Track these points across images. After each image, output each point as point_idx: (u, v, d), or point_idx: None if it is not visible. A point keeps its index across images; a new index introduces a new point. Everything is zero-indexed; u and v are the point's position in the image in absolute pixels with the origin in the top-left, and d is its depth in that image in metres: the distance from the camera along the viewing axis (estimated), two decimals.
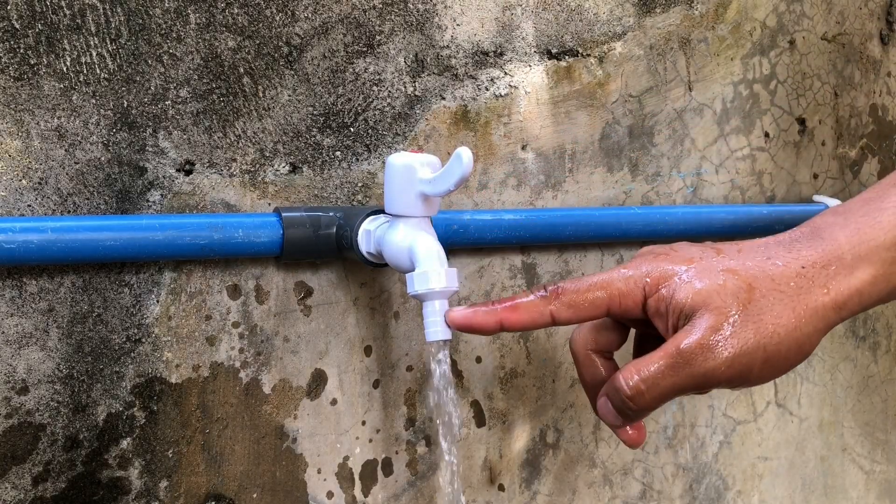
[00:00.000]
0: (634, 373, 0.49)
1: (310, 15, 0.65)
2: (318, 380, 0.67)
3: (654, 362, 0.48)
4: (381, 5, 0.68)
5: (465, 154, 0.52)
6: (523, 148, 0.75)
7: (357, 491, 0.69)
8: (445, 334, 0.55)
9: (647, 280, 0.50)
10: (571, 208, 0.78)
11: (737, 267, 0.49)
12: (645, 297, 0.51)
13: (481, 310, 0.53)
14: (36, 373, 0.56)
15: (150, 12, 0.59)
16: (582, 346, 0.57)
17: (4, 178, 0.55)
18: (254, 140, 0.63)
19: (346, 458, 0.68)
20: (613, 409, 0.52)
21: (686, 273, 0.49)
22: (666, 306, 0.50)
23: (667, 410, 0.86)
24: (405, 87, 0.69)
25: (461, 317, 0.53)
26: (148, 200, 0.59)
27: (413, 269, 0.55)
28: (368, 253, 0.60)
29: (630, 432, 0.55)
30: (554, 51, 0.76)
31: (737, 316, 0.47)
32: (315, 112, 0.65)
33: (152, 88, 0.59)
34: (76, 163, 0.57)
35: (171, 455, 0.61)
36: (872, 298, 0.49)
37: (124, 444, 0.59)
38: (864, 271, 0.48)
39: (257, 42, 0.63)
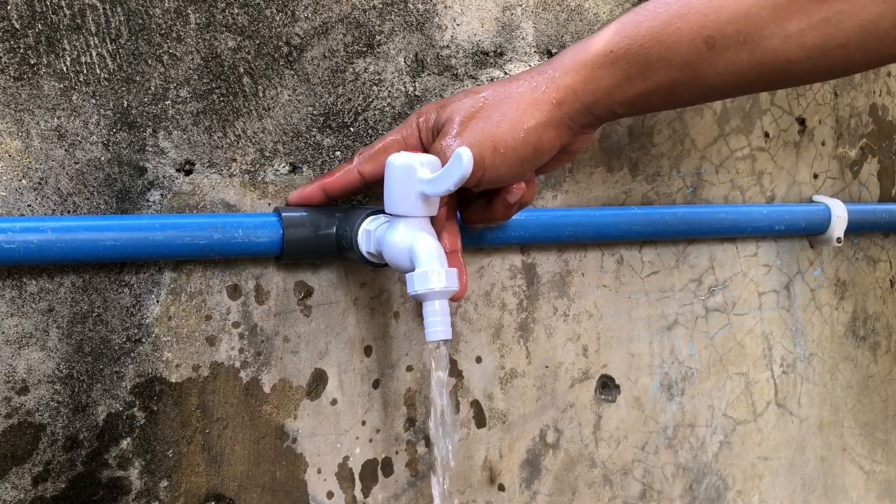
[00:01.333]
0: None
1: (310, 15, 0.65)
2: (318, 380, 0.67)
3: None
4: (381, 5, 0.68)
5: (464, 154, 0.52)
6: None
7: (357, 491, 0.69)
8: (446, 334, 0.55)
9: (420, 119, 0.61)
10: (571, 208, 0.78)
11: (481, 91, 0.60)
12: (419, 131, 0.61)
13: (308, 185, 0.63)
14: (36, 373, 0.56)
15: (150, 12, 0.59)
16: (466, 222, 0.65)
17: (4, 178, 0.55)
18: (254, 140, 0.63)
19: (346, 458, 0.68)
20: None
21: (443, 104, 0.60)
22: (430, 133, 0.61)
23: (667, 410, 0.86)
24: (405, 86, 0.69)
25: (295, 195, 0.63)
26: (148, 200, 0.59)
27: (413, 269, 0.55)
28: (368, 253, 0.60)
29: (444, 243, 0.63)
30: (554, 51, 0.76)
31: (469, 117, 0.58)
32: (315, 112, 0.65)
33: (152, 88, 0.59)
34: (76, 163, 0.57)
35: (171, 455, 0.61)
36: (587, 97, 0.57)
37: (124, 444, 0.59)
38: (575, 74, 0.58)
39: (257, 42, 0.63)
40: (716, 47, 0.55)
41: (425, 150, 0.61)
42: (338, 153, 0.66)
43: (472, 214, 0.64)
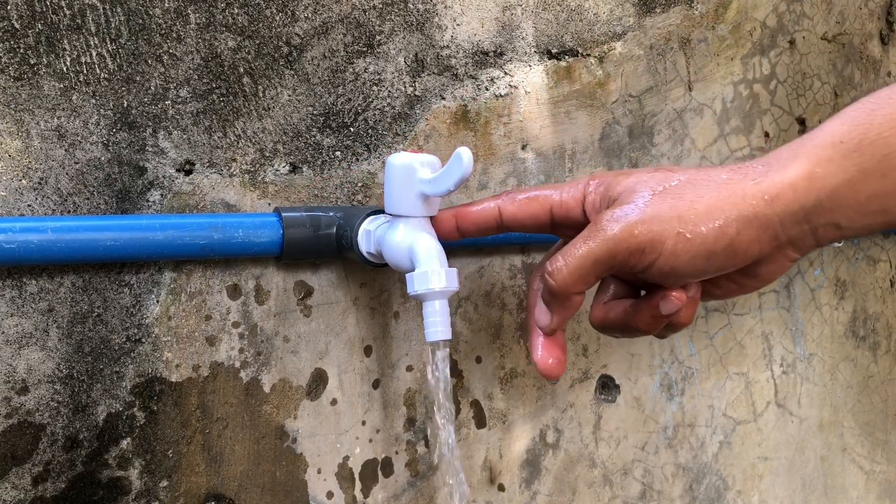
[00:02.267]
0: (559, 253, 0.51)
1: (310, 15, 0.65)
2: (318, 380, 0.67)
3: (574, 240, 0.50)
4: (381, 5, 0.68)
5: (465, 154, 0.52)
6: (523, 148, 0.75)
7: (357, 491, 0.69)
8: (446, 334, 0.55)
9: (589, 182, 0.53)
10: None
11: (675, 171, 0.50)
12: (584, 195, 0.52)
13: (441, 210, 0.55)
14: (36, 373, 0.56)
15: (150, 12, 0.59)
16: (598, 321, 0.56)
17: (4, 178, 0.55)
18: (254, 140, 0.63)
19: (346, 458, 0.68)
20: (544, 303, 0.53)
21: (624, 174, 0.52)
22: (601, 200, 0.51)
23: (667, 410, 0.86)
24: (405, 87, 0.69)
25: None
26: (148, 200, 0.59)
27: (413, 270, 0.55)
28: (368, 253, 0.60)
29: (549, 361, 0.54)
30: (554, 51, 0.76)
31: (657, 192, 0.48)
32: (315, 112, 0.65)
33: (152, 88, 0.59)
34: (76, 163, 0.57)
35: (171, 455, 0.61)
36: (810, 197, 0.46)
37: (124, 444, 0.59)
38: (798, 165, 0.46)
39: (257, 42, 0.63)
40: None
41: (587, 216, 0.53)
42: (338, 153, 0.66)
43: (606, 312, 0.54)
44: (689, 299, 0.51)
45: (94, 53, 0.57)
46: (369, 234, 0.59)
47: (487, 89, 0.73)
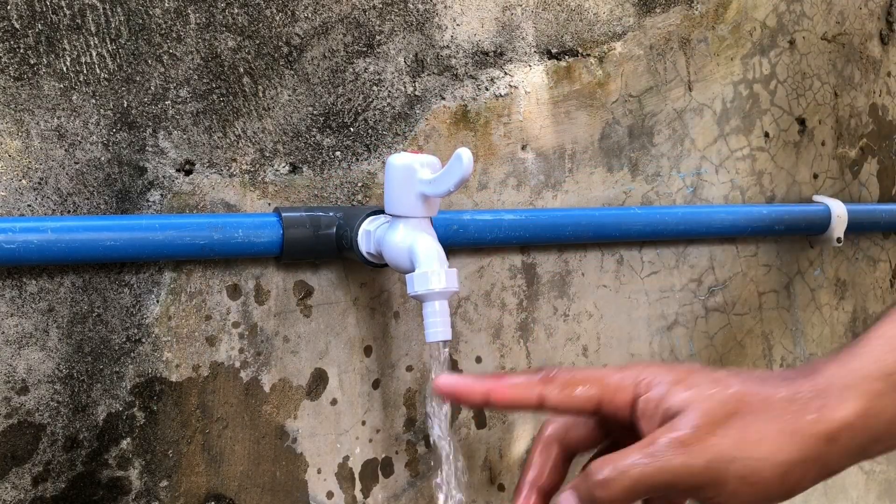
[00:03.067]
0: (608, 462, 0.48)
1: (310, 15, 0.65)
2: (318, 380, 0.67)
3: (628, 453, 0.47)
4: (381, 5, 0.68)
5: (465, 155, 0.52)
6: (523, 148, 0.75)
7: (357, 491, 0.69)
8: (446, 334, 0.55)
9: (642, 380, 0.49)
10: (571, 208, 0.78)
11: (729, 380, 0.48)
12: (635, 396, 0.50)
13: (468, 379, 0.51)
14: (36, 373, 0.56)
15: (150, 12, 0.59)
16: (550, 433, 0.54)
17: (4, 178, 0.55)
18: (254, 140, 0.63)
19: (346, 458, 0.68)
20: (576, 498, 0.49)
21: (679, 380, 0.49)
22: (654, 407, 0.49)
23: None
24: (405, 87, 0.69)
25: (446, 384, 0.50)
26: (148, 200, 0.59)
27: (413, 270, 0.55)
28: (368, 253, 0.60)
29: None
30: (554, 51, 0.76)
31: (720, 421, 0.46)
32: (315, 112, 0.65)
33: (152, 88, 0.59)
34: (76, 163, 0.57)
35: (171, 455, 0.61)
36: (866, 435, 0.46)
37: (124, 444, 0.59)
38: (853, 403, 0.46)
39: (257, 42, 0.63)
40: None
41: (636, 421, 0.50)
42: (338, 153, 0.66)
43: None
44: None
45: (94, 53, 0.57)
46: (369, 235, 0.59)
47: (487, 89, 0.73)
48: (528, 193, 0.76)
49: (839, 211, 0.94)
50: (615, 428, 0.53)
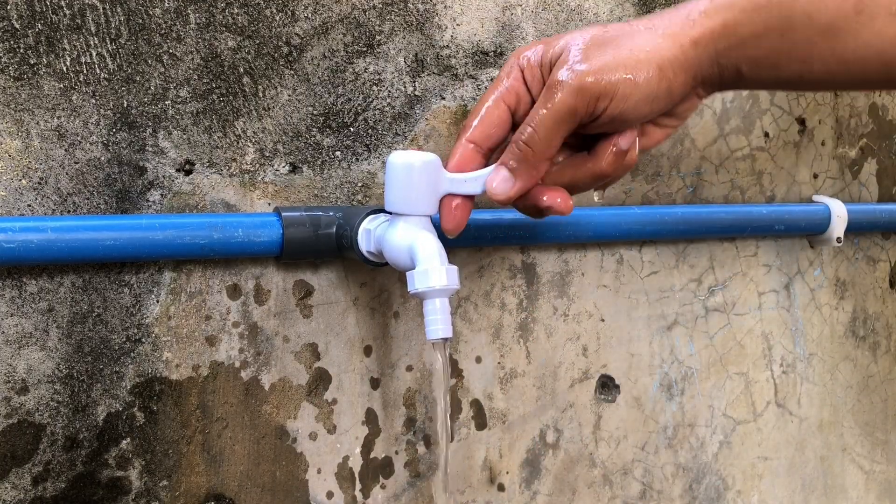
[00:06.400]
0: (524, 125, 0.54)
1: (310, 15, 0.65)
2: (319, 380, 0.67)
3: (535, 108, 0.54)
4: (381, 5, 0.68)
5: None
6: None
7: (357, 491, 0.69)
8: (446, 332, 0.55)
9: (520, 60, 0.56)
10: None
11: (605, 26, 0.55)
12: (522, 72, 0.56)
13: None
14: (36, 373, 0.56)
15: (150, 12, 0.59)
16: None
17: (4, 178, 0.55)
18: (254, 140, 0.63)
19: (346, 458, 0.68)
20: (507, 171, 0.55)
21: (554, 38, 0.56)
22: (540, 68, 0.56)
23: (667, 410, 0.86)
24: (405, 86, 0.69)
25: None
26: (148, 200, 0.59)
27: (413, 268, 0.55)
28: (368, 252, 0.60)
29: (557, 200, 0.57)
30: None
31: (600, 45, 0.53)
32: (315, 112, 0.65)
33: (152, 88, 0.59)
34: (76, 163, 0.57)
35: (171, 455, 0.61)
36: (722, 42, 0.53)
37: (124, 444, 0.59)
38: (715, 15, 0.53)
39: (257, 42, 0.63)
40: (864, 13, 0.51)
41: (534, 97, 0.56)
42: (338, 153, 0.66)
43: (567, 171, 0.57)
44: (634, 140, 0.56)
45: (94, 53, 0.57)
46: (369, 234, 0.59)
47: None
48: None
49: (839, 211, 0.94)
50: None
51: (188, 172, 0.61)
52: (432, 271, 0.54)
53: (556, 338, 0.79)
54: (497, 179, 0.56)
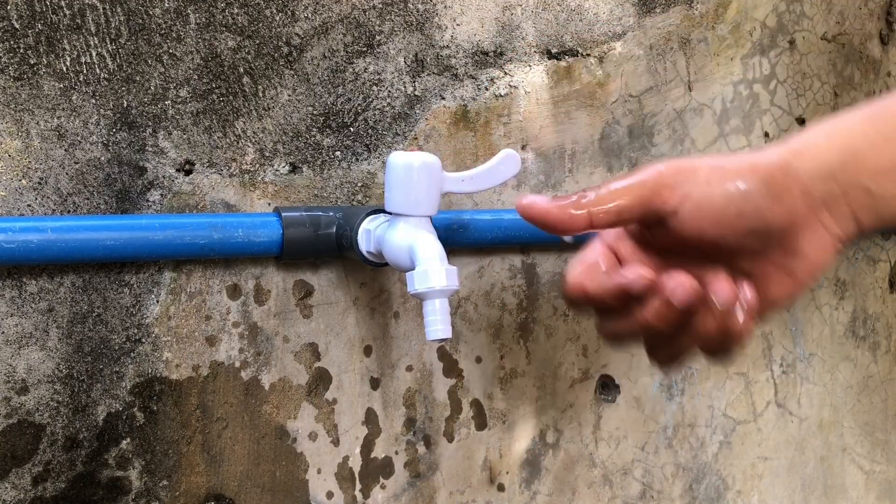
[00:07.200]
0: (591, 188, 0.49)
1: (310, 15, 0.65)
2: (319, 380, 0.67)
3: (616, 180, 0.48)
4: (381, 5, 0.68)
5: (517, 156, 0.56)
6: (523, 148, 0.75)
7: (357, 491, 0.69)
8: (446, 333, 0.55)
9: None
10: None
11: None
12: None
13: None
14: (36, 373, 0.56)
15: (150, 12, 0.59)
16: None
17: (4, 178, 0.55)
18: (254, 140, 0.63)
19: (346, 458, 0.68)
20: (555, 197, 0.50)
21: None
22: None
23: (667, 410, 0.86)
24: (405, 86, 0.69)
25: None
26: (148, 200, 0.59)
27: (413, 268, 0.55)
28: (368, 252, 0.60)
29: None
30: (554, 51, 0.76)
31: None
32: (315, 112, 0.65)
33: (152, 88, 0.59)
34: (76, 163, 0.57)
35: (171, 455, 0.61)
36: (832, 153, 0.46)
37: (124, 444, 0.59)
38: (817, 130, 0.48)
39: (257, 42, 0.63)
40: None
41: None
42: (338, 153, 0.66)
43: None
44: (731, 292, 0.44)
45: (94, 53, 0.57)
46: (369, 234, 0.59)
47: (487, 89, 0.73)
48: (528, 193, 0.76)
49: None
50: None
51: (188, 172, 0.61)
52: (432, 272, 0.54)
53: (556, 338, 0.79)
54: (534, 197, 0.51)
